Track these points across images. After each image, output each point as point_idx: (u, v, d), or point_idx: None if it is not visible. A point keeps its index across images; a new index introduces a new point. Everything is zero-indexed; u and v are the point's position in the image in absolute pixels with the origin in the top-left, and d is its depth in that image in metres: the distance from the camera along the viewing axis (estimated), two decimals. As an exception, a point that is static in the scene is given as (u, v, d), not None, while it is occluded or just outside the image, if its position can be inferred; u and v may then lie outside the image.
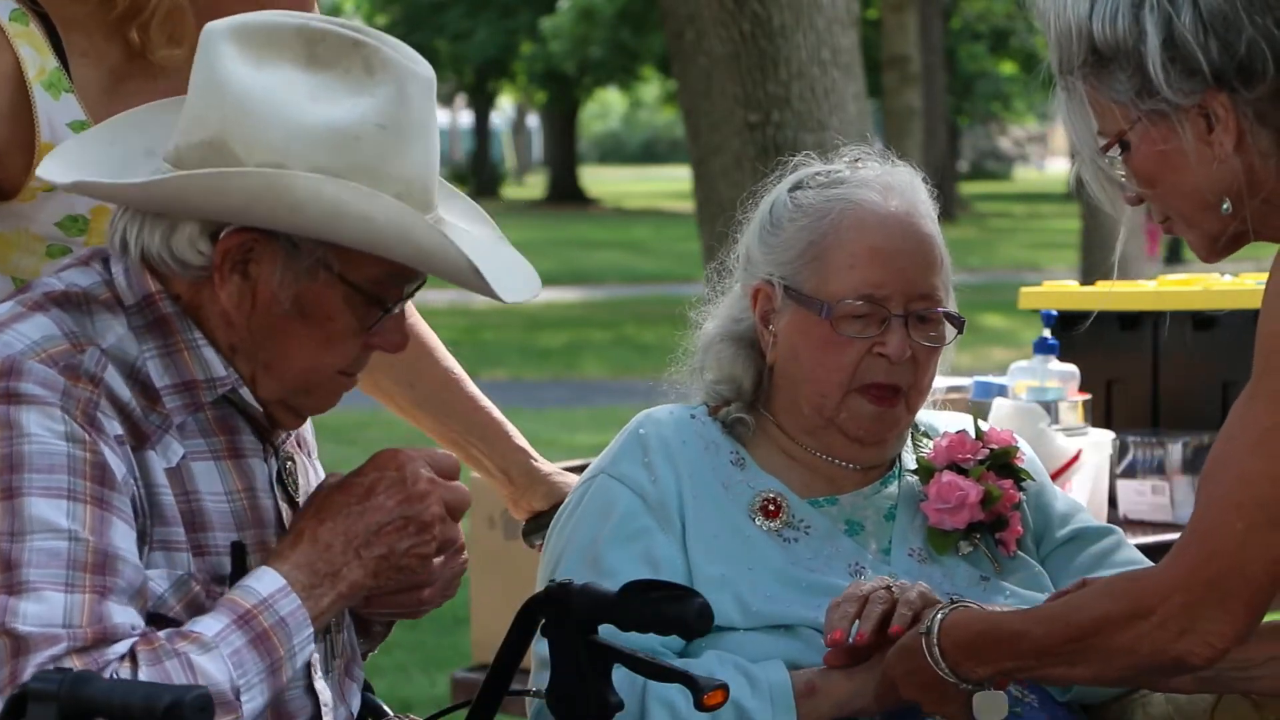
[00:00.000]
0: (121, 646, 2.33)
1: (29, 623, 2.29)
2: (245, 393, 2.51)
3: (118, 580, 2.35)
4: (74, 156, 2.55)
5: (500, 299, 2.48)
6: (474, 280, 2.45)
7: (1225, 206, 2.49)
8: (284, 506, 2.57)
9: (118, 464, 2.40)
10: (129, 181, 2.45)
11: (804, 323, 3.00)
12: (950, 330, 3.03)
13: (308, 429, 2.74)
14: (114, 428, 2.41)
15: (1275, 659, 2.66)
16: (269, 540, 2.53)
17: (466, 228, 2.61)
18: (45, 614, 2.30)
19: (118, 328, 2.47)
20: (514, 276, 2.56)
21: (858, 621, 2.78)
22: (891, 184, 3.04)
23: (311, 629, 2.45)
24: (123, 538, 2.38)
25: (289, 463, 2.61)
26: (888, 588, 2.81)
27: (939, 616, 2.71)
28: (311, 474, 2.69)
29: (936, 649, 2.69)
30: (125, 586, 2.36)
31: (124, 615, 2.35)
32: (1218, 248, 2.54)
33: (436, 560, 2.56)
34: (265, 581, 2.43)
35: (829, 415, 3.01)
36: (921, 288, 3.00)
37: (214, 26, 2.47)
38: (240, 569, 2.47)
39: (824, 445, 3.04)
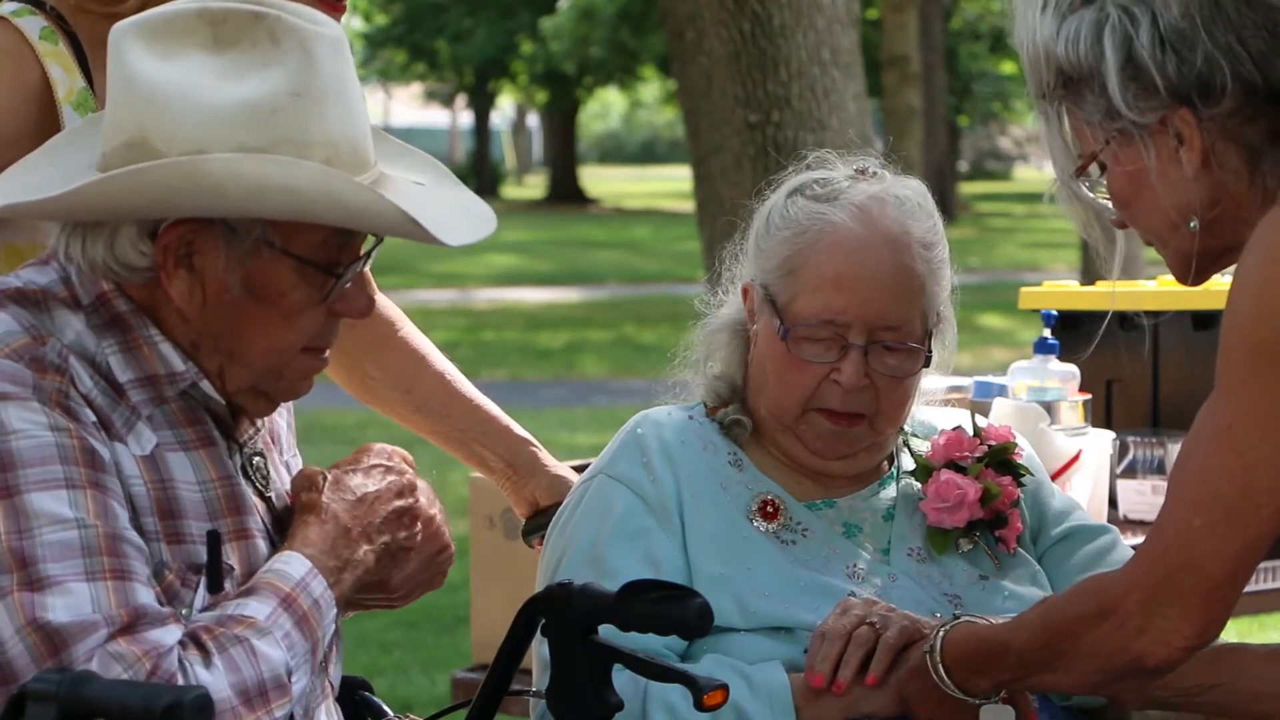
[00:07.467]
0: (169, 633, 2.33)
1: (61, 614, 2.29)
2: (206, 386, 2.49)
3: (132, 562, 2.35)
4: (15, 180, 2.50)
5: (443, 243, 2.44)
6: (413, 230, 2.41)
7: (1193, 224, 2.48)
8: (256, 501, 2.56)
9: (101, 447, 2.39)
10: (48, 196, 2.41)
11: (770, 334, 2.98)
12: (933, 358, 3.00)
13: (284, 424, 2.72)
14: (88, 415, 2.40)
15: (1219, 686, 2.62)
16: (249, 527, 2.52)
17: (416, 179, 2.57)
18: (74, 604, 2.30)
19: (76, 324, 2.45)
20: (462, 220, 2.52)
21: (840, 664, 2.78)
22: (886, 204, 2.97)
23: (336, 610, 2.48)
24: (124, 516, 2.38)
25: (256, 458, 2.59)
26: (871, 623, 2.79)
27: (941, 634, 2.71)
28: (284, 471, 2.67)
29: (941, 667, 2.70)
30: (140, 568, 2.36)
31: (147, 595, 2.35)
32: (1193, 269, 2.53)
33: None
34: (294, 565, 2.46)
35: (788, 424, 3.00)
36: (889, 319, 2.94)
37: (119, 27, 2.44)
38: (216, 557, 2.46)
39: (789, 451, 3.03)
